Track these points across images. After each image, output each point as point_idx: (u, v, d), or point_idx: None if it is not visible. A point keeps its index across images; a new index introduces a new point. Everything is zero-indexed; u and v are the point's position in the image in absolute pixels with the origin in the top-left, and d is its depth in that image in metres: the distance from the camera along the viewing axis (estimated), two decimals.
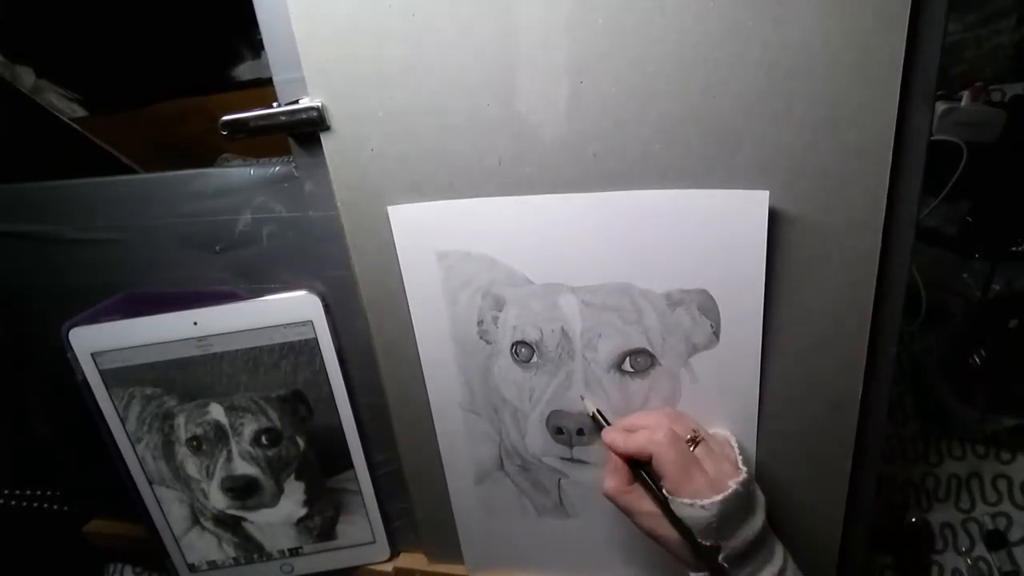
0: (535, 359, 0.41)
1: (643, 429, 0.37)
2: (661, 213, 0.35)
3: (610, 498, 0.38)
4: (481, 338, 0.41)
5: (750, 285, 0.36)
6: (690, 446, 0.36)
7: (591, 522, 0.45)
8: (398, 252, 0.40)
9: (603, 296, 0.38)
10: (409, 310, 0.41)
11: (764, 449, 0.41)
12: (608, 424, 0.40)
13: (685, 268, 0.36)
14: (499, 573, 0.49)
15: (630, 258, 0.37)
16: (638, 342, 0.39)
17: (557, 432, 0.42)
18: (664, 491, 0.36)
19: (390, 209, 0.39)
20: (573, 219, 0.37)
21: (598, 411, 0.40)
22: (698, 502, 0.34)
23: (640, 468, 0.37)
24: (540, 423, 0.42)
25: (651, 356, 0.39)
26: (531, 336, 0.40)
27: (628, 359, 0.39)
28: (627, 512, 0.38)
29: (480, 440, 0.44)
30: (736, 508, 0.35)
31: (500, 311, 0.40)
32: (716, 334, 0.38)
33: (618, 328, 0.39)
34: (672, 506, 0.35)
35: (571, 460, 0.43)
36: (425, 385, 0.43)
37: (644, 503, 0.37)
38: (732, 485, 0.34)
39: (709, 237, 0.35)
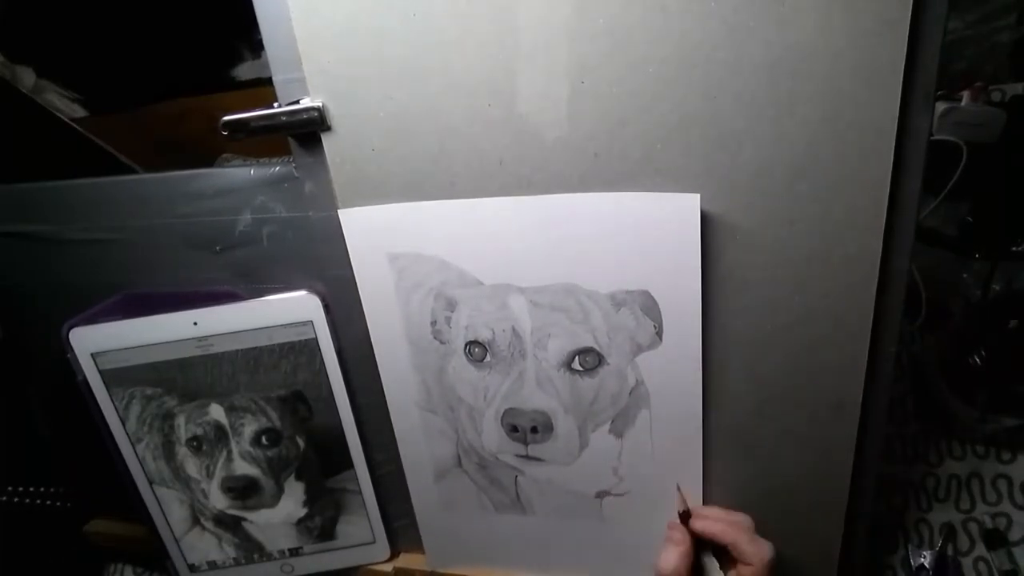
0: (488, 358, 0.41)
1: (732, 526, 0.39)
2: (601, 216, 0.36)
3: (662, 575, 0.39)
4: (435, 338, 0.42)
5: (688, 287, 0.37)
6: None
7: (547, 518, 0.46)
8: (350, 255, 0.40)
9: (550, 296, 0.39)
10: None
11: (764, 449, 0.41)
12: (691, 517, 0.41)
13: (627, 269, 0.37)
14: (459, 568, 0.49)
15: (574, 259, 0.37)
16: (586, 341, 0.39)
17: (512, 430, 0.42)
18: None
19: (341, 212, 0.39)
20: (519, 221, 0.37)
21: (687, 510, 0.41)
22: None
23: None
24: (495, 421, 0.42)
25: (599, 355, 0.39)
26: (483, 336, 0.40)
27: (577, 358, 0.40)
28: None
29: (438, 438, 0.45)
30: None
31: (452, 311, 0.41)
32: (659, 334, 0.38)
33: (566, 328, 0.39)
34: None
35: (526, 457, 0.43)
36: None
37: None
38: None
39: (647, 239, 0.36)
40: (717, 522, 0.40)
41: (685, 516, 0.41)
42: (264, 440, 0.47)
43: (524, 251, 0.38)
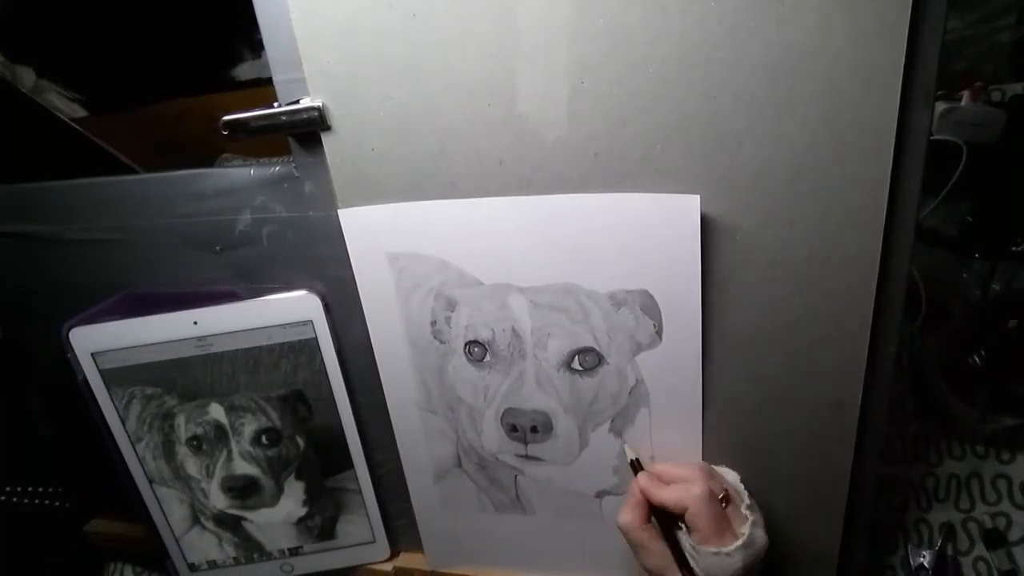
0: (488, 358, 0.41)
1: (679, 482, 0.38)
2: (601, 216, 0.36)
3: (623, 531, 0.39)
4: (435, 338, 0.42)
5: (687, 286, 0.37)
6: (723, 504, 0.37)
7: (547, 518, 0.46)
8: (350, 255, 0.40)
9: (550, 296, 0.39)
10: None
11: (764, 449, 0.41)
12: (642, 468, 0.40)
13: (626, 269, 0.37)
14: (459, 567, 0.50)
15: (574, 259, 0.37)
16: (585, 341, 0.39)
17: (512, 430, 0.42)
18: (690, 543, 0.36)
19: (340, 212, 0.39)
20: (519, 221, 0.37)
21: (636, 459, 0.41)
22: (723, 549, 0.35)
23: (665, 517, 0.38)
24: (495, 421, 0.43)
25: (599, 355, 0.39)
26: (483, 336, 0.41)
27: (577, 358, 0.40)
28: (635, 546, 0.39)
29: (438, 438, 0.45)
30: (753, 555, 0.36)
31: (452, 311, 0.41)
32: (659, 333, 0.38)
33: (566, 328, 0.39)
34: (698, 555, 0.36)
35: (526, 457, 0.43)
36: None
37: (656, 543, 0.38)
38: (746, 529, 0.36)
39: (647, 239, 0.36)
40: (648, 481, 0.39)
41: (635, 466, 0.41)
42: (264, 440, 0.47)
43: (524, 251, 0.38)
